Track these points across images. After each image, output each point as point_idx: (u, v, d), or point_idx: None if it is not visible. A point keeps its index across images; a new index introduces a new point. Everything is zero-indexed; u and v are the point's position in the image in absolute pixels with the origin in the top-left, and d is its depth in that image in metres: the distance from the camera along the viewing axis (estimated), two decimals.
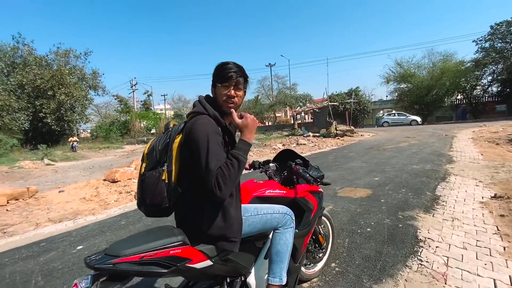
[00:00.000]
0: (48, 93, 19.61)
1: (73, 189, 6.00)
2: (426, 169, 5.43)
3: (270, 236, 1.38)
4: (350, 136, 15.79)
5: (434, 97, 26.21)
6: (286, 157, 1.79)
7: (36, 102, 19.73)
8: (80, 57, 23.50)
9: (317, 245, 1.89)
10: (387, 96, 37.55)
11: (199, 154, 1.04)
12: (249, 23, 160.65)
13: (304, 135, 17.51)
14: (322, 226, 2.01)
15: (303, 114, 33.02)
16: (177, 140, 1.12)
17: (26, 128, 20.06)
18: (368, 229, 2.75)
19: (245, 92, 1.27)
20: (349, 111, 23.64)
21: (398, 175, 5.03)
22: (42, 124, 20.33)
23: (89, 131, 32.11)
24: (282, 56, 52.11)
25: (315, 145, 12.16)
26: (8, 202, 4.88)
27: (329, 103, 19.06)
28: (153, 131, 29.96)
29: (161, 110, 43.37)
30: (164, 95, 46.23)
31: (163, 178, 1.10)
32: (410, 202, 3.50)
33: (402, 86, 29.75)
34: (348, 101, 25.92)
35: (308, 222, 1.55)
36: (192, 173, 1.09)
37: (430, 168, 5.51)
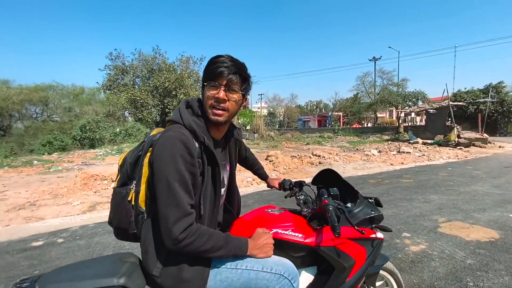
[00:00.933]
0: (172, 93, 24.54)
1: None
2: None
3: None
4: (480, 146, 12.08)
5: None
6: (330, 180, 1.29)
7: (164, 100, 25.12)
8: (197, 63, 28.25)
9: None
10: None
11: (157, 188, 0.82)
12: (353, 16, 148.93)
13: (411, 141, 14.60)
14: (381, 282, 1.39)
15: (413, 115, 27.90)
16: (149, 154, 0.91)
17: (158, 120, 25.84)
18: None
19: (244, 96, 0.94)
20: (483, 113, 18.08)
21: None
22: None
23: None
24: (390, 47, 43.94)
25: (423, 154, 9.83)
26: None
27: (451, 103, 15.07)
28: (248, 127, 32.77)
29: (258, 108, 46.76)
30: (261, 94, 49.68)
31: (129, 198, 0.92)
32: None
33: None
34: (483, 100, 19.88)
35: (338, 285, 1.02)
36: (154, 201, 0.86)
37: None
